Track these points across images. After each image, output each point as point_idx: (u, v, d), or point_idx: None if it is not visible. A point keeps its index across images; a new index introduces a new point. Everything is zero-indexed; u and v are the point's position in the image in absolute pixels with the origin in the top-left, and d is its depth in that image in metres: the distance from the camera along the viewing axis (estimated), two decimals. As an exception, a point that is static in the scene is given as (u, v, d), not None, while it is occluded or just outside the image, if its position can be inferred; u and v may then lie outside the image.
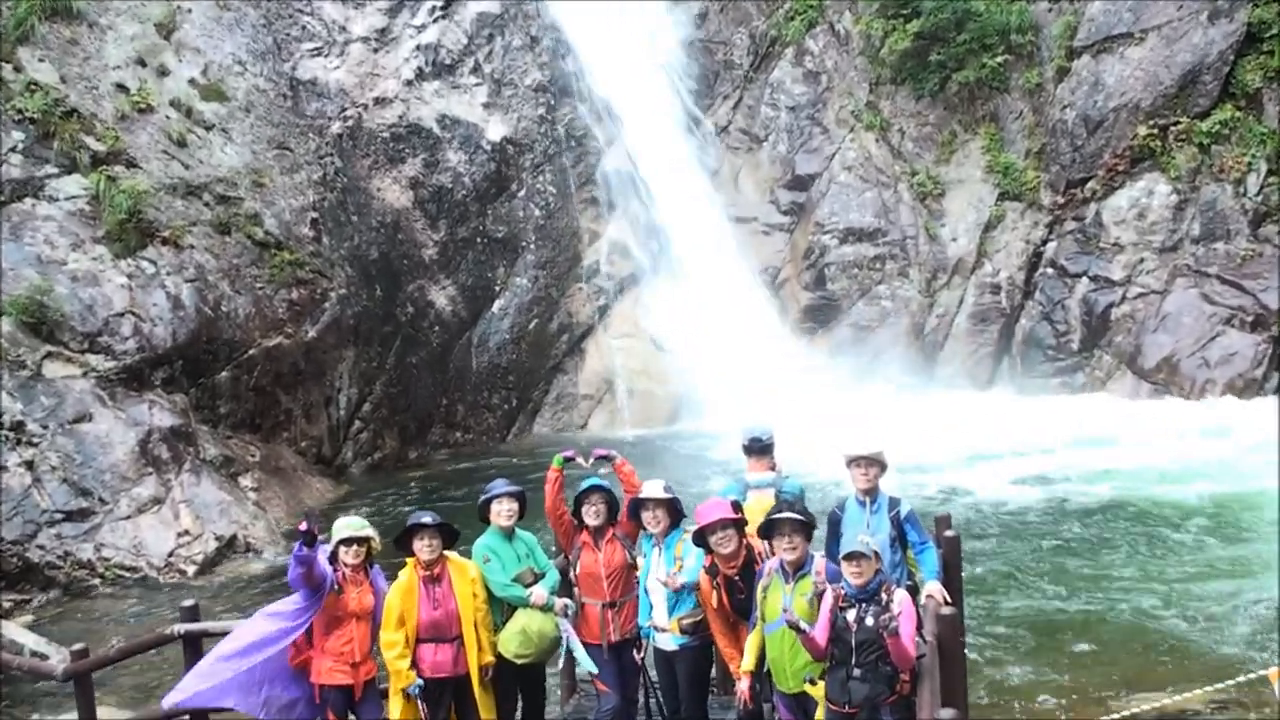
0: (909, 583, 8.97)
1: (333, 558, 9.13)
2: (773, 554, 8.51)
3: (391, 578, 9.28)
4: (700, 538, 8.69)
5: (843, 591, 7.71)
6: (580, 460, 9.96)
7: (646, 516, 9.19)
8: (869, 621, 7.53)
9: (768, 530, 8.37)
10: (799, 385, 27.86)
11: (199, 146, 24.56)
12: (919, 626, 7.88)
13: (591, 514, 9.50)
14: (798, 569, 8.19)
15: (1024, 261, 29.53)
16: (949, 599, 8.87)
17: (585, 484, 9.62)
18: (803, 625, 7.62)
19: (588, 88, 31.82)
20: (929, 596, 8.78)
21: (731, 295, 30.62)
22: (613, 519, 9.60)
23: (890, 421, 24.18)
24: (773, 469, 10.09)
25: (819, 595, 7.95)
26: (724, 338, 29.62)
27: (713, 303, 30.28)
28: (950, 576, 9.75)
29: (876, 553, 7.72)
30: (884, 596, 7.62)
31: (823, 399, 26.82)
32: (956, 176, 30.83)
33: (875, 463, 9.16)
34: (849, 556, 7.65)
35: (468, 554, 9.45)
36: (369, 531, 9.28)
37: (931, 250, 30.28)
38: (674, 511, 9.26)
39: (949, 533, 10.34)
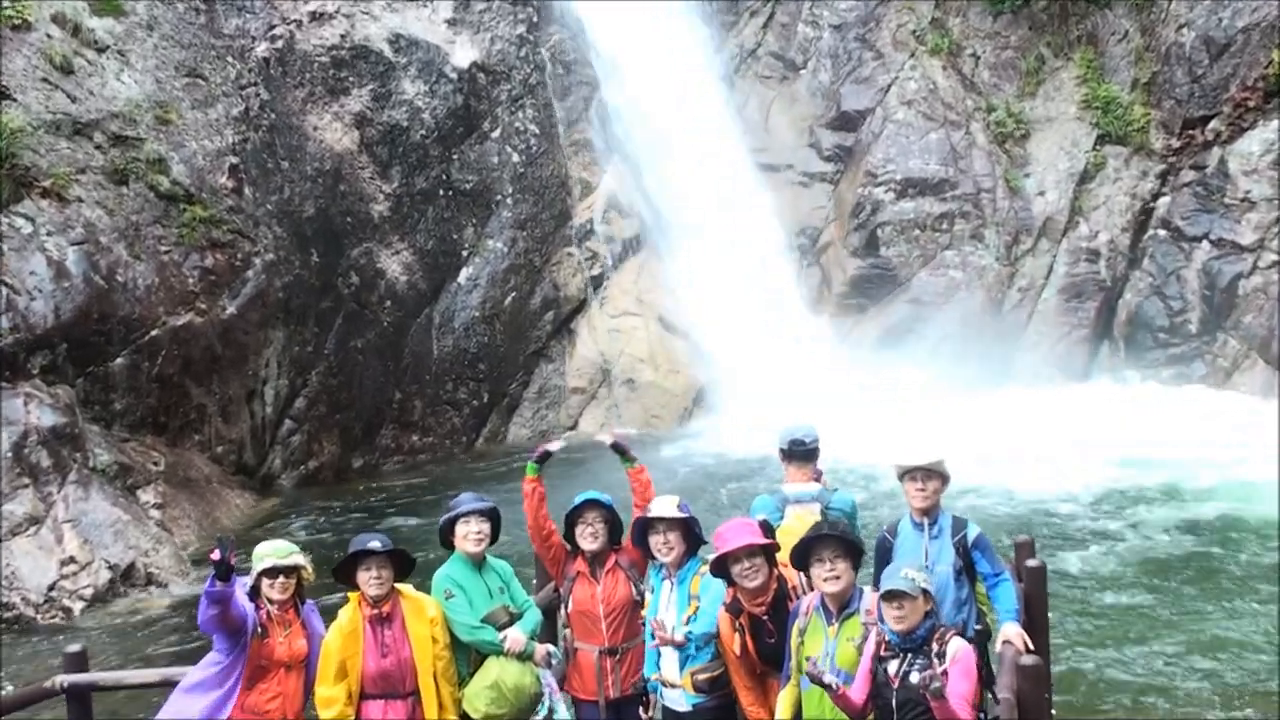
0: (978, 627, 8.94)
1: (254, 593, 9.11)
2: (811, 587, 8.48)
3: (330, 617, 9.27)
4: (721, 567, 8.62)
5: (885, 637, 7.68)
6: (551, 448, 9.92)
7: (655, 541, 9.07)
8: (913, 677, 7.47)
9: (803, 556, 8.28)
10: (843, 376, 27.86)
11: (89, 74, 24.52)
12: (988, 682, 7.86)
13: (588, 536, 9.44)
14: (842, 606, 8.12)
15: (1129, 221, 29.51)
16: (1031, 645, 8.86)
17: (579, 498, 9.56)
18: (827, 679, 7.55)
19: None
20: (1006, 642, 8.75)
21: (760, 263, 30.62)
22: (615, 542, 9.57)
23: (958, 423, 24.18)
24: (817, 479, 10.07)
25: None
26: (750, 316, 29.62)
27: (736, 272, 30.26)
28: (1033, 617, 9.74)
29: (926, 591, 7.64)
30: (934, 646, 7.57)
31: (873, 393, 26.82)
32: (1044, 114, 30.79)
33: (935, 475, 9.12)
34: (889, 595, 7.57)
35: (426, 588, 9.44)
36: (299, 559, 9.23)
37: (1012, 207, 30.26)
38: (690, 535, 9.16)
39: (1031, 562, 10.32)
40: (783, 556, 8.70)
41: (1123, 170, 29.84)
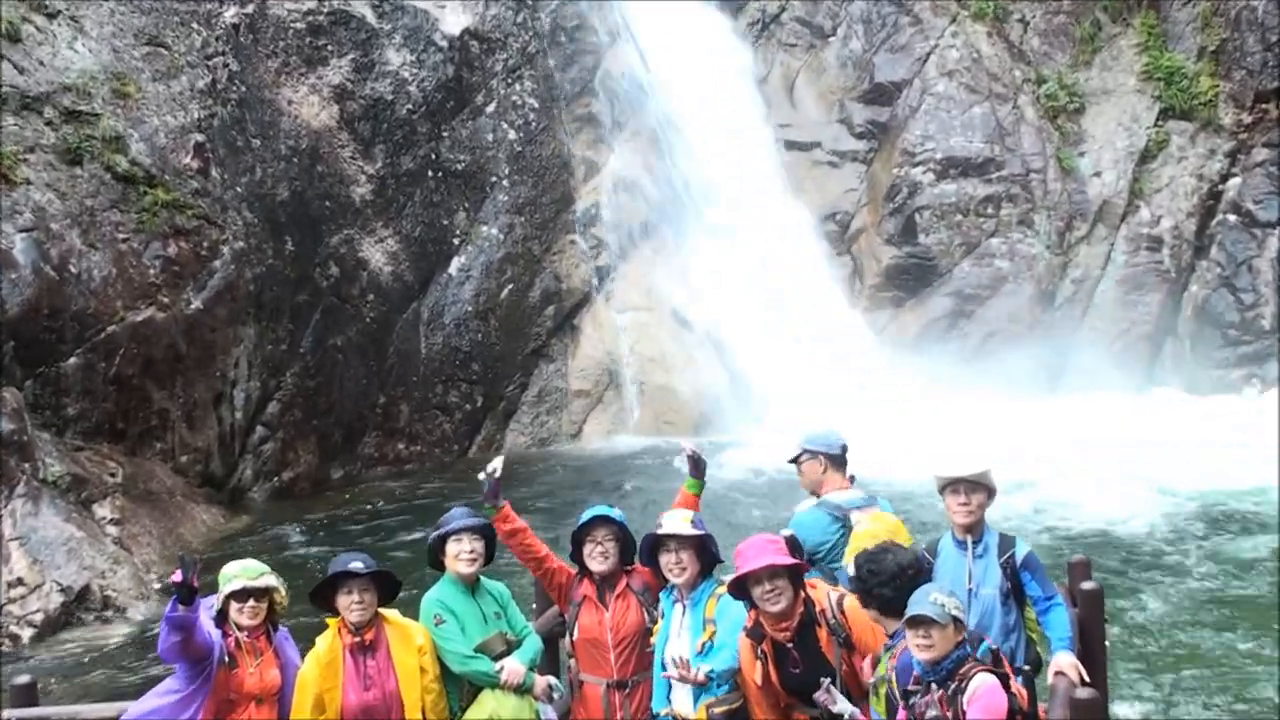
0: (1026, 667, 8.90)
1: (221, 618, 9.09)
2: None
3: (306, 645, 9.26)
4: (741, 589, 8.60)
5: (914, 669, 7.68)
6: (492, 474, 9.70)
7: (667, 560, 9.03)
8: (931, 713, 7.49)
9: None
10: (877, 378, 27.82)
11: (38, 42, 24.53)
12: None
13: (597, 556, 9.39)
14: (892, 635, 8.12)
15: (1195, 205, 29.46)
16: (1086, 676, 8.85)
17: (588, 514, 9.53)
18: (837, 707, 7.63)
19: (583, -40, 31.87)
20: (1058, 674, 8.73)
21: (783, 252, 30.58)
22: (627, 563, 9.55)
23: (1005, 431, 24.12)
24: (852, 483, 10.14)
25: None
26: (773, 312, 29.58)
27: (758, 262, 30.24)
28: (1089, 646, 9.72)
29: (957, 618, 7.60)
30: (955, 681, 7.53)
31: (910, 398, 26.77)
32: (1101, 86, 30.75)
33: (980, 487, 9.09)
34: (914, 621, 7.56)
35: (414, 613, 9.42)
36: (271, 580, 9.19)
37: (1065, 189, 30.21)
38: (704, 554, 9.15)
39: (1087, 585, 10.29)
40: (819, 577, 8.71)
41: (1188, 148, 29.80)
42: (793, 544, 8.75)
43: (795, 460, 10.29)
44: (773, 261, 30.35)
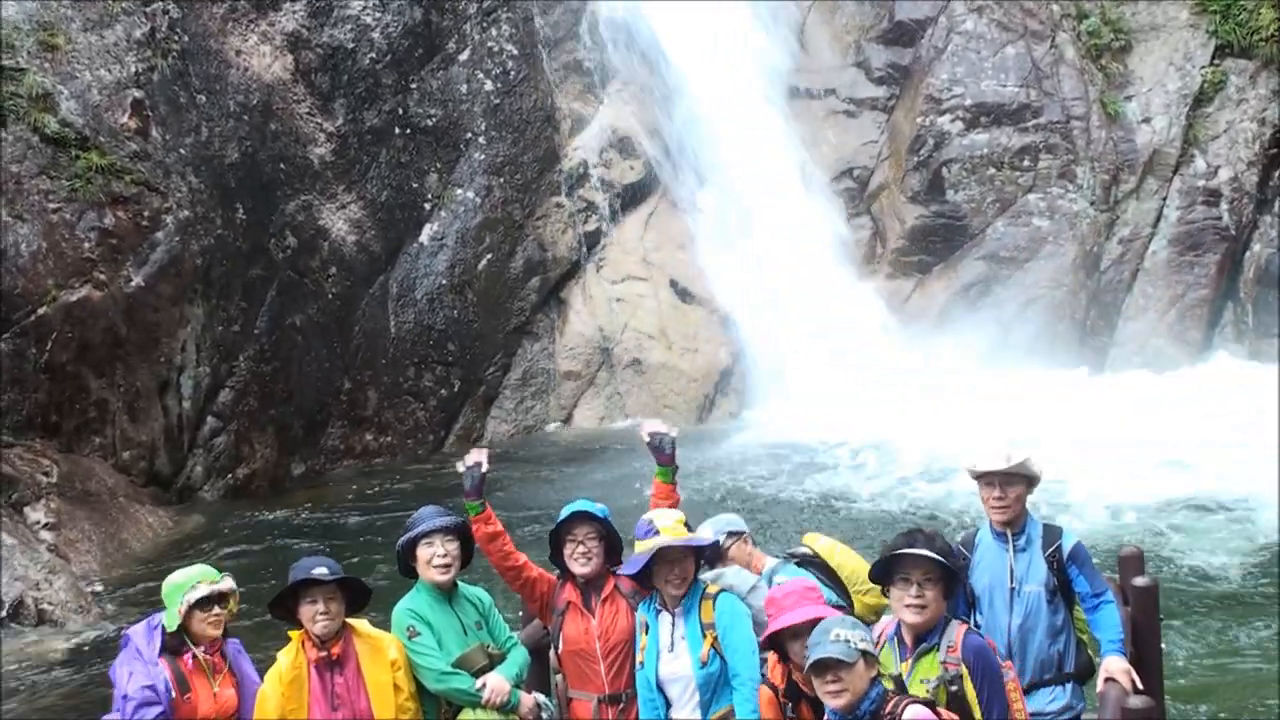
0: (1068, 672, 8.88)
1: (174, 642, 9.01)
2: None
3: (264, 661, 9.23)
4: (772, 641, 8.33)
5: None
6: (475, 466, 9.76)
7: (665, 573, 8.99)
8: None
9: (886, 572, 8.11)
10: (902, 355, 27.79)
11: (-46, -11, 24.51)
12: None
13: (579, 558, 9.38)
14: (919, 639, 8.04)
15: (1257, 154, 29.42)
16: (1139, 683, 8.83)
17: (567, 510, 9.52)
18: None
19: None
20: (1109, 680, 8.73)
21: (795, 213, 30.51)
22: (613, 563, 9.54)
23: (1048, 412, 24.09)
24: None
25: (949, 684, 7.83)
26: (784, 281, 29.53)
27: (766, 226, 30.19)
28: (1142, 649, 9.72)
29: (865, 653, 7.30)
30: None
31: (940, 377, 26.74)
32: (1149, 20, 30.68)
33: (1018, 479, 9.09)
34: (818, 666, 7.26)
35: (385, 625, 9.41)
36: (230, 582, 9.20)
37: (1110, 137, 30.17)
38: (700, 560, 9.20)
39: (1140, 580, 10.28)
40: None
41: (1248, 90, 29.76)
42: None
43: (717, 554, 9.74)
44: (784, 223, 30.19)
